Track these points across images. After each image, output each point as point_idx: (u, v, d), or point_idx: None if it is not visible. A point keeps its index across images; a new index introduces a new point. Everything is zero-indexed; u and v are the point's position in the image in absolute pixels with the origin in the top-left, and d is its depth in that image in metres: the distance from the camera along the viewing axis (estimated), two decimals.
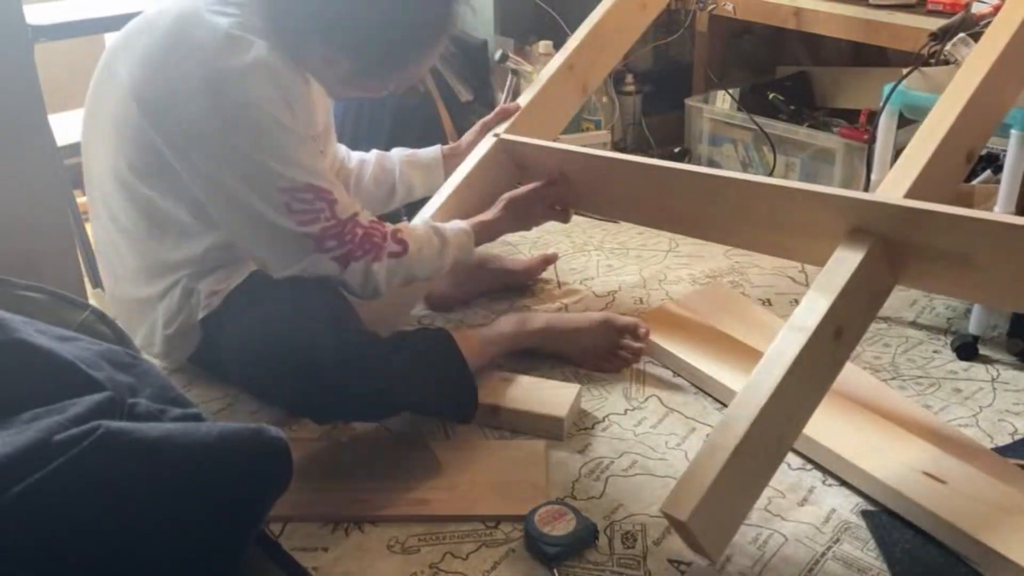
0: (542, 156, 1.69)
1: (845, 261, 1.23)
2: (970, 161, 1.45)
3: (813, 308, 1.19)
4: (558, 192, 1.63)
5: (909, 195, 1.30)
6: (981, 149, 1.48)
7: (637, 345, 1.56)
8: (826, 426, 1.33)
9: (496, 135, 1.71)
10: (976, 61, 1.44)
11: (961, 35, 1.60)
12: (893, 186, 1.32)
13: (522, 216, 1.61)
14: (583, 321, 1.60)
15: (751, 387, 1.13)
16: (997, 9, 1.66)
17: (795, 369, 1.14)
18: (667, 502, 1.08)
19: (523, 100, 1.78)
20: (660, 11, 2.02)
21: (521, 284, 1.86)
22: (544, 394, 1.46)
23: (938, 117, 1.38)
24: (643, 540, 1.21)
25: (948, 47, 1.61)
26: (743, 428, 1.09)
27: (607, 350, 1.57)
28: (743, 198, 1.42)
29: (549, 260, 1.90)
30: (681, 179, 1.50)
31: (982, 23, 1.64)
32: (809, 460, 1.34)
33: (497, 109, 1.77)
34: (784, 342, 1.17)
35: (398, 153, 1.74)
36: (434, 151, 1.73)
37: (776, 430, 1.15)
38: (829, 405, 1.38)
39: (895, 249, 1.25)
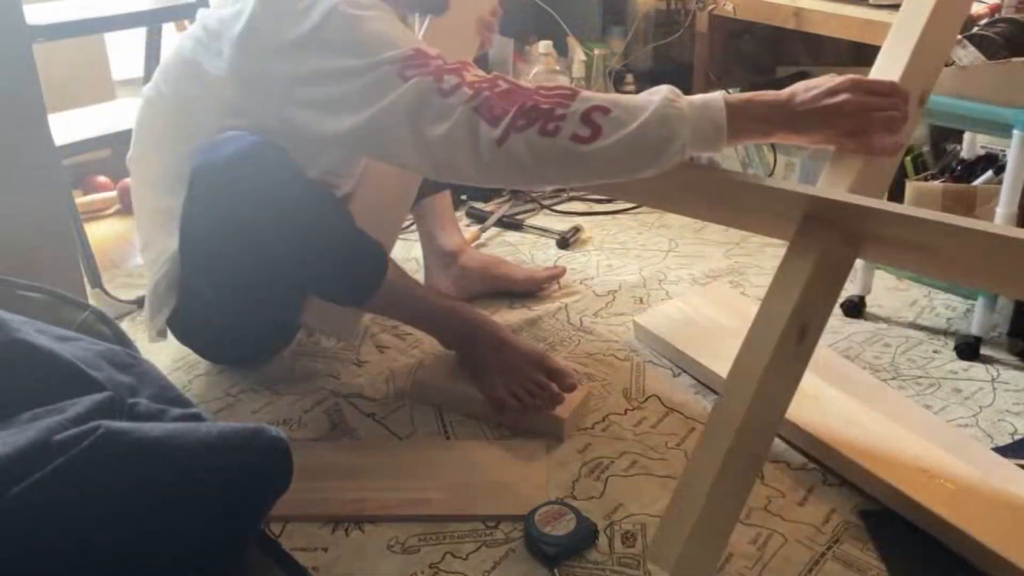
0: None
1: (798, 256, 1.14)
2: (923, 103, 1.29)
3: (772, 315, 1.11)
4: (897, 107, 1.14)
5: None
6: (932, 89, 1.31)
7: (556, 390, 1.41)
8: (826, 425, 1.34)
9: None
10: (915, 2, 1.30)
11: (958, 37, 1.59)
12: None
13: (821, 117, 1.11)
14: (519, 345, 1.48)
15: (722, 411, 1.10)
16: (993, 10, 1.66)
17: (764, 381, 1.09)
18: (652, 552, 1.11)
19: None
20: None
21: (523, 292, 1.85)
22: None
23: (886, 64, 1.24)
24: (643, 540, 1.21)
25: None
26: (719, 459, 1.06)
27: (519, 383, 1.42)
28: (708, 186, 1.28)
29: (555, 275, 1.86)
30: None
31: (980, 23, 1.64)
32: (809, 458, 1.34)
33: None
34: (748, 354, 1.11)
35: None
36: None
37: (752, 449, 1.12)
38: (829, 404, 1.39)
39: (851, 233, 1.14)
